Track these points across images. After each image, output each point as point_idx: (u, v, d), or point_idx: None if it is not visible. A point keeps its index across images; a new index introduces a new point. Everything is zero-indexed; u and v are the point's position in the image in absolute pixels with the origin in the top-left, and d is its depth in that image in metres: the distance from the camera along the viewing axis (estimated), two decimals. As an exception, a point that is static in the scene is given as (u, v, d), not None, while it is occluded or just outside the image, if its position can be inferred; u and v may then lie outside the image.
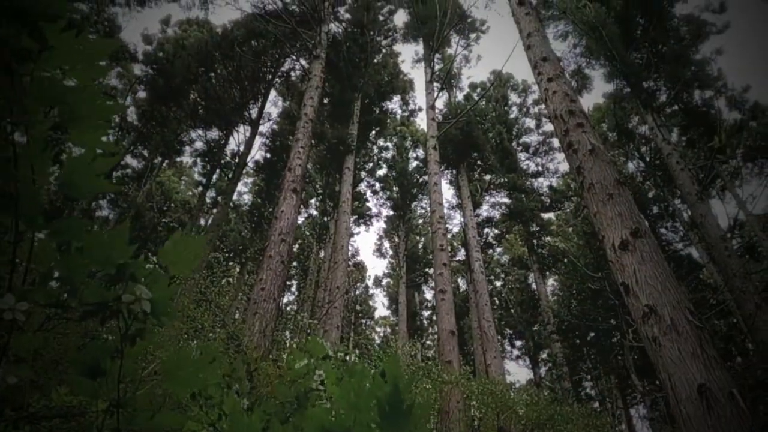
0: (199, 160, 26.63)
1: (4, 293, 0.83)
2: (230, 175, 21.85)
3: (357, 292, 39.70)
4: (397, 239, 32.52)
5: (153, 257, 1.09)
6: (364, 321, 41.13)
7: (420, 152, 30.35)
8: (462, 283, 34.84)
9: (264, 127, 25.11)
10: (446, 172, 27.80)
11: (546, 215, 31.38)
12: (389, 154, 30.68)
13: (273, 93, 26.06)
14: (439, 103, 27.69)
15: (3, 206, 0.80)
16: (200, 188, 27.09)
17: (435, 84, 21.30)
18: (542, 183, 32.13)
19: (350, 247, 21.83)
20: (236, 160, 22.23)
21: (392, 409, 0.97)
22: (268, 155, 25.46)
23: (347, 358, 2.50)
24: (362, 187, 30.34)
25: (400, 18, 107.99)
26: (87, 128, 0.86)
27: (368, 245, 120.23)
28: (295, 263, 33.24)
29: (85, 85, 0.84)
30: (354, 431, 1.02)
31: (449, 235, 27.28)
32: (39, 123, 0.79)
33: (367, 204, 31.75)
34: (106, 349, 1.04)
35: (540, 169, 32.36)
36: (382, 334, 40.75)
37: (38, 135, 0.79)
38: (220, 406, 2.08)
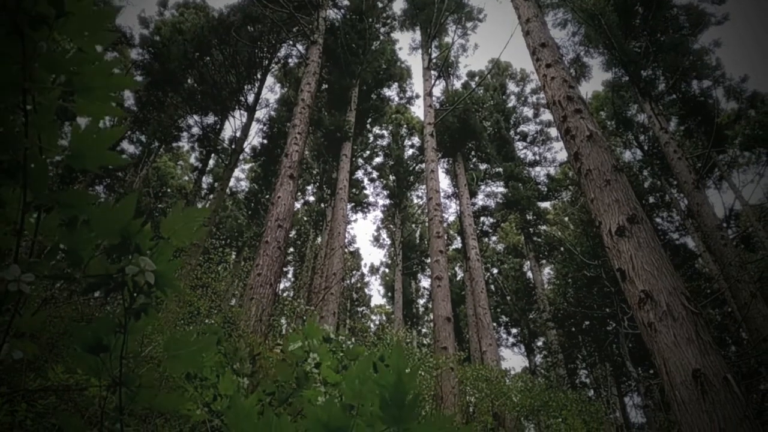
0: (196, 145, 26.49)
1: (11, 264, 0.83)
2: (227, 161, 21.74)
3: (353, 280, 39.86)
4: (393, 227, 32.55)
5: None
6: (360, 309, 41.33)
7: (416, 140, 30.24)
8: (458, 271, 34.96)
9: (261, 113, 25.00)
10: (442, 160, 27.76)
11: (543, 204, 31.48)
12: (385, 142, 30.59)
13: (270, 79, 25.92)
14: (437, 92, 27.59)
15: (11, 175, 0.79)
16: (196, 173, 26.97)
17: (432, 72, 21.22)
18: (539, 172, 32.20)
19: (347, 235, 21.83)
20: (233, 146, 22.13)
21: (394, 400, 0.95)
22: (266, 142, 25.35)
23: (348, 342, 2.51)
24: (359, 174, 30.29)
25: (398, 5, 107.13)
26: (95, 99, 0.85)
27: (365, 233, 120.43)
28: (291, 249, 33.29)
29: (96, 55, 0.83)
30: (354, 426, 0.99)
31: (445, 224, 27.32)
32: (47, 91, 0.78)
33: (365, 192, 31.72)
34: (110, 324, 1.03)
35: (537, 158, 32.44)
36: (377, 322, 40.92)
37: (47, 104, 0.79)
38: (215, 386, 2.10)
